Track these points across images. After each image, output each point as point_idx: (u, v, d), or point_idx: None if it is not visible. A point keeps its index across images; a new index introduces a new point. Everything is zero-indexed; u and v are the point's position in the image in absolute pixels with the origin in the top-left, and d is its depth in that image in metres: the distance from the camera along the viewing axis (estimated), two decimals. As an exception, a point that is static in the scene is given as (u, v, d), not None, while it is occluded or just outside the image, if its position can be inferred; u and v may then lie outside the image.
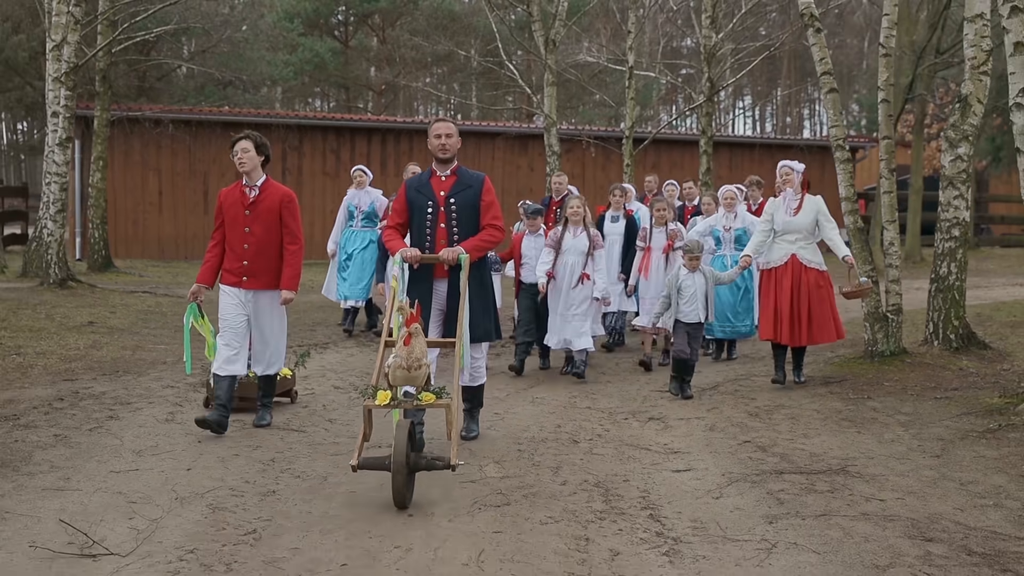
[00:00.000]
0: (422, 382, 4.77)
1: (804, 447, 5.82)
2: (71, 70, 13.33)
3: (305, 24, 33.03)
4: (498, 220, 5.79)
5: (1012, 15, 6.12)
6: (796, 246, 7.52)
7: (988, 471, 5.22)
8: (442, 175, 5.79)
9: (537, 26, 17.41)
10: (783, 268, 7.52)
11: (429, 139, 5.81)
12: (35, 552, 3.89)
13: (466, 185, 5.77)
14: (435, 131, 5.77)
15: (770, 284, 7.63)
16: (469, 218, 5.72)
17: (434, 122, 5.87)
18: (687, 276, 7.44)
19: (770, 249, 7.66)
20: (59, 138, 13.50)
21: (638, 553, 4.09)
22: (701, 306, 7.41)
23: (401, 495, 4.49)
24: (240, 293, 6.00)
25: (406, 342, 4.71)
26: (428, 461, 4.64)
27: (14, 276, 15.61)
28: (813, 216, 7.51)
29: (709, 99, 17.16)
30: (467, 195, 5.74)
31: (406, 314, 4.83)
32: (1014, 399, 6.51)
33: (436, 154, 5.77)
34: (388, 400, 4.70)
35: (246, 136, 6.02)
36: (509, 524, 4.41)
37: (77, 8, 13.23)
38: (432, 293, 5.70)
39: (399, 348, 4.74)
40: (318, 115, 24.55)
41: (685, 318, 7.41)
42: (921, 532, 4.30)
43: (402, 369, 4.68)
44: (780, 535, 4.30)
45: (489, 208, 5.77)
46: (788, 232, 7.54)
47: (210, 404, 6.40)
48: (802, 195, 7.59)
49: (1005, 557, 3.98)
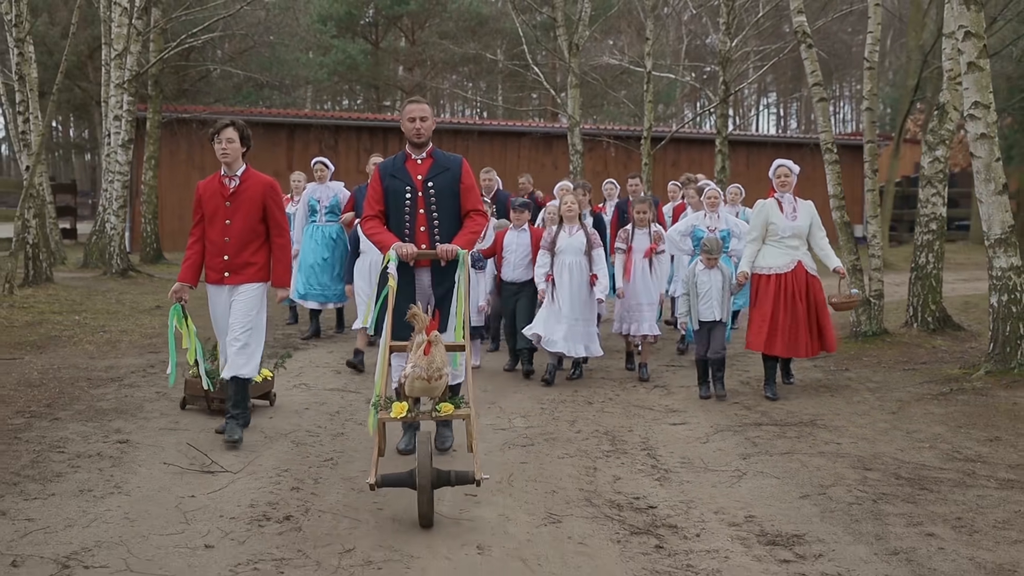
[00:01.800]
0: (440, 393, 4.52)
1: (783, 407, 6.88)
2: (133, 77, 14.55)
3: (337, 26, 34.25)
4: (480, 205, 5.49)
5: (966, 39, 7.13)
6: (800, 252, 7.17)
7: (932, 423, 6.25)
8: (417, 158, 5.42)
9: (561, 31, 18.42)
10: (792, 275, 7.10)
11: (402, 122, 5.45)
12: (168, 468, 5.04)
13: (443, 168, 5.42)
14: (409, 114, 5.41)
15: (770, 291, 7.12)
16: (448, 203, 5.38)
17: (407, 104, 5.49)
18: (703, 272, 7.24)
19: (766, 253, 7.24)
20: (122, 140, 14.73)
21: (635, 478, 5.17)
22: (717, 303, 7.19)
23: (428, 515, 4.26)
24: (224, 290, 5.69)
25: (426, 351, 4.41)
26: (453, 476, 4.33)
27: (75, 267, 16.91)
28: (809, 220, 7.24)
29: (723, 101, 18.11)
30: (445, 178, 5.39)
31: (423, 321, 4.55)
32: (971, 370, 7.52)
33: (411, 138, 5.41)
34: (405, 412, 4.48)
35: (231, 124, 5.66)
36: (533, 458, 5.50)
37: (139, 21, 14.44)
38: (415, 284, 5.38)
39: (417, 358, 4.42)
40: (352, 115, 25.74)
41: (701, 316, 7.24)
42: (864, 464, 5.35)
43: (421, 380, 4.40)
44: (750, 467, 5.36)
45: (469, 192, 5.44)
46: (792, 236, 7.16)
47: (186, 406, 6.32)
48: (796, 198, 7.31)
49: (925, 480, 5.03)
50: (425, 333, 4.48)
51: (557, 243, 7.63)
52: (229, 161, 5.63)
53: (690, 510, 4.64)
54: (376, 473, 4.27)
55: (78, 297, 12.16)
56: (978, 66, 7.14)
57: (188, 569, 3.73)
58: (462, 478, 4.32)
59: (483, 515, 4.46)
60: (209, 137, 5.68)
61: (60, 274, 14.73)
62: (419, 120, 5.37)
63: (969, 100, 7.21)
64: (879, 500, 4.73)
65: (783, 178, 7.27)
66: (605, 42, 32.88)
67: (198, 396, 6.25)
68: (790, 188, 7.29)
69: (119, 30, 14.67)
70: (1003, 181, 7.27)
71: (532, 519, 4.44)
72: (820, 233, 7.28)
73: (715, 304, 7.19)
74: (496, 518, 4.42)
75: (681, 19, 26.27)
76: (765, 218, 7.22)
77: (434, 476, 4.25)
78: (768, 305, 7.07)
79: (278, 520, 4.33)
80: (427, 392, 4.46)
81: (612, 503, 4.74)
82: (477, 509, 4.57)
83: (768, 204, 7.29)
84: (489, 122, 28.28)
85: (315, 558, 3.89)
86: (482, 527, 4.33)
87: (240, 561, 3.83)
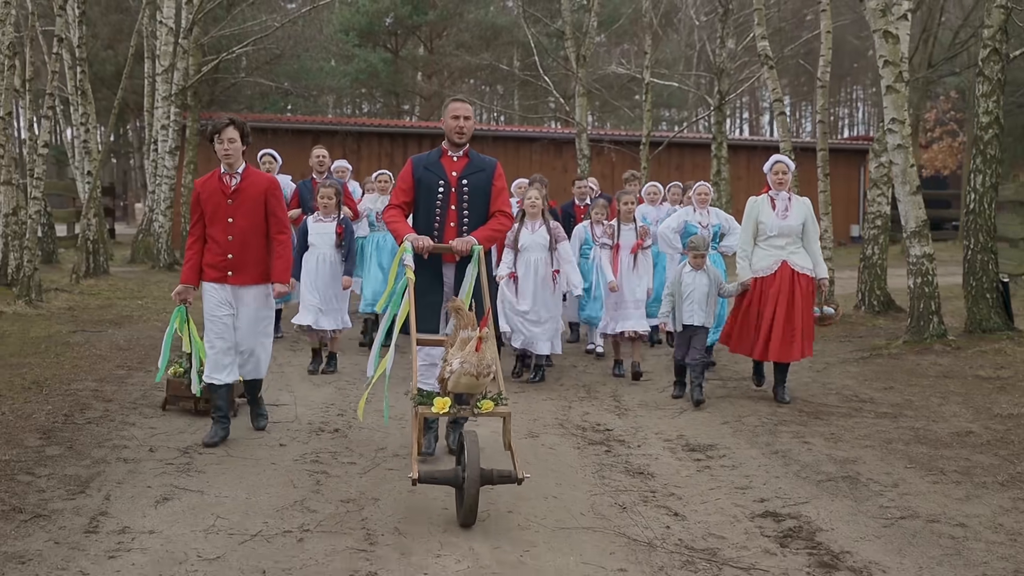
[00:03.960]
0: (484, 389, 4.50)
1: (731, 368, 8.39)
2: (180, 91, 16.21)
3: (359, 36, 35.95)
4: (508, 207, 5.54)
5: (885, 66, 8.62)
6: (787, 251, 6.94)
7: (846, 378, 7.76)
8: (454, 156, 5.43)
9: (569, 43, 19.90)
10: (771, 278, 6.91)
11: (445, 120, 5.43)
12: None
13: (478, 168, 5.44)
14: (453, 112, 5.40)
15: (752, 295, 7.00)
16: (479, 202, 5.40)
17: (451, 102, 5.47)
18: (689, 273, 7.07)
19: (752, 255, 7.08)
20: (169, 147, 16.40)
21: (600, 413, 6.71)
22: (700, 307, 7.01)
23: (474, 512, 4.23)
24: (225, 289, 5.57)
25: (477, 347, 4.37)
26: (495, 475, 4.32)
27: (123, 263, 18.59)
28: (803, 218, 6.98)
29: (718, 108, 19.58)
30: (479, 178, 5.41)
31: (469, 318, 4.61)
32: (893, 341, 9.01)
33: (451, 137, 5.40)
34: (447, 407, 4.48)
35: (231, 123, 5.54)
36: (523, 400, 7.05)
37: (185, 40, 16.11)
38: (441, 280, 5.38)
39: (466, 353, 4.40)
40: (375, 122, 27.37)
41: (683, 319, 7.08)
42: (778, 403, 6.88)
43: (469, 376, 4.36)
44: (690, 406, 6.89)
45: (500, 194, 5.46)
46: (779, 236, 6.94)
47: (167, 406, 6.28)
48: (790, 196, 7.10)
49: (821, 413, 6.55)
50: (467, 328, 4.53)
51: (520, 240, 7.55)
52: (232, 160, 5.53)
53: (637, 432, 6.18)
54: (417, 469, 4.28)
55: (134, 286, 13.80)
56: (895, 89, 8.64)
57: (269, 458, 5.31)
58: (504, 477, 4.33)
59: (479, 431, 6.01)
60: (208, 137, 5.58)
61: (112, 268, 16.40)
62: (463, 119, 5.38)
63: (888, 116, 8.70)
64: (779, 424, 6.27)
65: (780, 175, 7.02)
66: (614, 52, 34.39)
67: (180, 396, 6.23)
68: (786, 186, 7.04)
69: (166, 48, 16.32)
70: (917, 184, 8.76)
71: (517, 435, 5.99)
72: (813, 235, 7.03)
73: (697, 308, 7.01)
74: (489, 434, 5.95)
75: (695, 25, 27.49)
76: (756, 216, 7.02)
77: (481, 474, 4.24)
78: (741, 308, 7.03)
79: (329, 432, 5.92)
80: (473, 388, 4.44)
81: (578, 426, 6.29)
82: (470, 425, 6.12)
83: (759, 201, 7.05)
84: (503, 127, 29.86)
85: (358, 452, 5.47)
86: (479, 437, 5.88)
87: (305, 452, 5.41)
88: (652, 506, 4.73)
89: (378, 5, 34.66)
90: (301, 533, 4.15)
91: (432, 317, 5.28)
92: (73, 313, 10.70)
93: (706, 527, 4.44)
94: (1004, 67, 9.01)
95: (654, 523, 4.47)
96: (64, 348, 8.32)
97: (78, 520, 4.17)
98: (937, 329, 8.76)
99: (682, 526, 4.45)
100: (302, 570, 3.76)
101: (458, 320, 4.66)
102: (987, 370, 7.70)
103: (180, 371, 6.22)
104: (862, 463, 5.35)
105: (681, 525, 4.46)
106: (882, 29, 8.63)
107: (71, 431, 5.59)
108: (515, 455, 4.45)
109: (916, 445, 5.69)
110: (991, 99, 8.90)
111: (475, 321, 4.60)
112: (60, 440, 5.39)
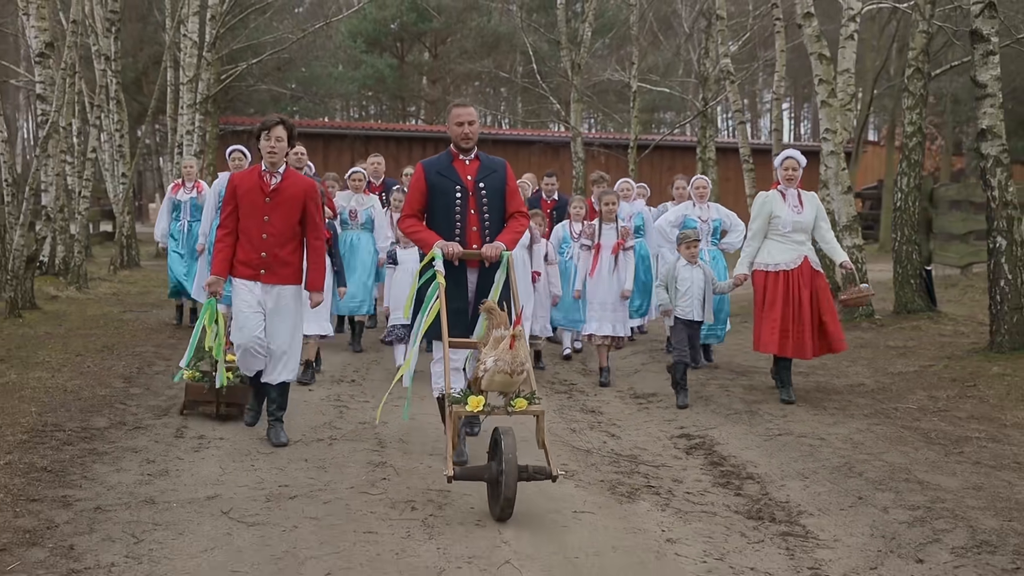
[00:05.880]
0: (517, 388, 4.55)
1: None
2: (204, 100, 17.72)
3: (367, 42, 37.50)
4: (524, 207, 5.58)
5: (819, 84, 10.08)
6: (806, 247, 6.85)
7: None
8: (465, 159, 5.42)
9: (564, 52, 21.31)
10: (799, 271, 6.78)
11: (450, 127, 5.44)
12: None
13: (491, 170, 5.45)
14: (457, 118, 5.39)
15: (778, 289, 6.78)
16: (497, 204, 5.42)
17: (453, 108, 5.46)
18: (685, 268, 7.04)
19: (771, 249, 6.90)
20: (194, 151, 17.90)
21: (569, 374, 8.17)
22: (698, 303, 7.00)
23: (510, 507, 4.30)
24: (257, 287, 5.49)
25: (511, 345, 4.42)
26: (531, 470, 4.41)
27: (148, 257, 20.10)
28: (815, 213, 6.95)
29: (703, 113, 21.00)
30: (494, 179, 5.43)
31: (501, 317, 4.67)
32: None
33: (458, 142, 5.39)
34: (481, 406, 4.51)
35: (281, 122, 5.47)
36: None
37: (209, 53, 17.60)
38: (465, 286, 5.35)
39: (500, 352, 4.44)
40: (382, 126, 28.88)
41: (681, 314, 7.03)
42: (744, 371, 8.35)
43: (504, 374, 4.41)
44: (655, 372, 8.35)
45: (515, 194, 5.50)
46: (797, 231, 6.84)
47: (185, 411, 6.12)
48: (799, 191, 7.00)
49: (748, 371, 8.00)
50: (499, 327, 4.60)
51: None
52: (275, 159, 5.47)
53: (595, 386, 7.65)
54: (451, 465, 4.38)
55: (165, 277, 15.29)
56: (828, 103, 10.10)
57: (301, 399, 6.76)
58: (539, 472, 4.41)
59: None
60: (256, 134, 5.50)
61: (142, 262, 17.92)
62: (467, 124, 5.37)
63: (823, 127, 10.16)
64: (710, 379, 7.73)
65: (790, 171, 6.92)
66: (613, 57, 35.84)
67: (199, 401, 6.09)
68: (796, 182, 6.96)
69: (190, 60, 17.80)
70: (848, 184, 10.21)
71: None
72: (825, 225, 7.01)
73: (695, 303, 7.00)
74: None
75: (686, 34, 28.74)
76: (768, 212, 6.89)
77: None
78: (778, 304, 6.74)
79: (347, 382, 7.40)
80: (506, 387, 4.48)
81: (548, 382, 7.76)
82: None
83: (770, 196, 6.97)
84: (503, 131, 31.34)
85: (370, 394, 6.96)
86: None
87: (329, 395, 6.90)
88: (597, 431, 6.21)
89: (384, 12, 36.20)
90: (330, 441, 5.65)
91: (458, 323, 5.22)
92: (117, 297, 12.20)
93: (634, 443, 5.92)
94: (926, 84, 10.45)
95: (595, 440, 5.95)
96: (120, 323, 9.81)
97: (166, 431, 5.67)
98: (865, 309, 10.20)
99: (616, 442, 5.93)
100: (333, 460, 5.25)
101: (490, 320, 4.74)
102: (898, 341, 9.13)
103: (198, 375, 6.07)
104: (765, 404, 6.81)
105: (615, 442, 5.94)
106: (817, 52, 10.09)
107: (145, 378, 7.09)
108: (550, 451, 4.54)
109: (815, 392, 7.14)
110: (915, 111, 10.33)
111: (507, 320, 4.70)
112: (139, 384, 6.90)
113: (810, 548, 4.20)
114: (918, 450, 5.48)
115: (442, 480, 4.68)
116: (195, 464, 5.09)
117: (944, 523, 4.33)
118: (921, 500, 4.64)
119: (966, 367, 7.52)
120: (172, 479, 4.81)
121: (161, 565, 3.74)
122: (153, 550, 3.87)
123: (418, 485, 4.88)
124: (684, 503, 4.78)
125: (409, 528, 4.26)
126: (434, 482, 4.92)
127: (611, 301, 7.75)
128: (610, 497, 4.83)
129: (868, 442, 5.69)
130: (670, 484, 5.09)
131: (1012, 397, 6.58)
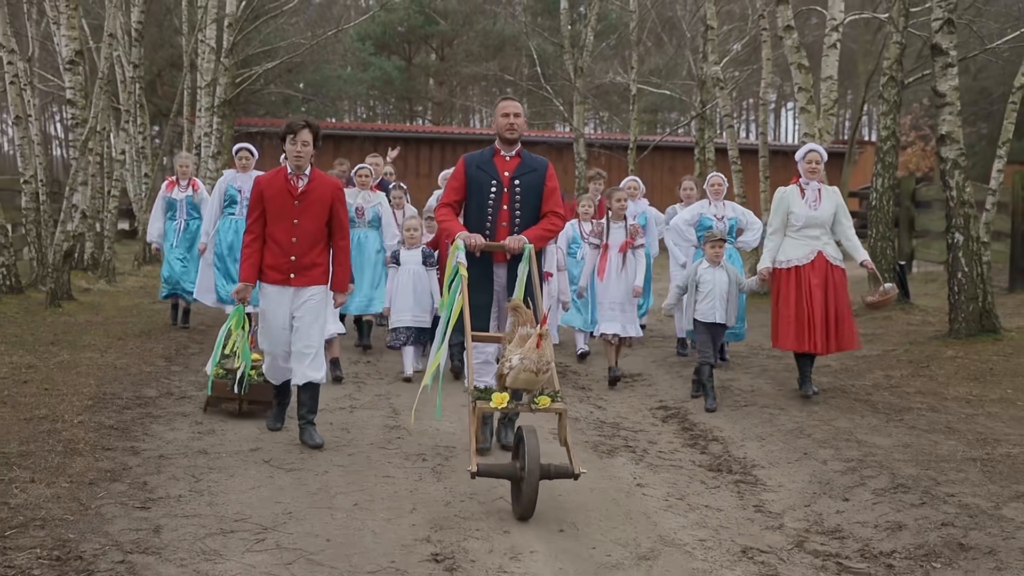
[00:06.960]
0: (541, 386, 4.59)
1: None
2: (222, 103, 18.56)
3: (375, 45, 38.37)
4: (560, 208, 5.59)
5: (798, 92, 10.86)
6: (821, 242, 6.84)
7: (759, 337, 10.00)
8: (507, 155, 5.52)
9: (567, 56, 22.04)
10: (810, 267, 6.78)
11: (496, 119, 5.56)
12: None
13: (530, 168, 5.53)
14: (503, 110, 5.54)
15: (791, 285, 6.81)
16: (531, 202, 5.49)
17: (501, 101, 5.63)
18: (707, 270, 7.00)
19: (784, 245, 6.92)
20: (212, 152, 18.74)
21: (563, 358, 8.97)
22: (720, 304, 6.95)
23: (532, 506, 4.34)
24: (287, 292, 5.47)
25: (538, 344, 4.48)
26: (552, 470, 4.46)
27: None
28: (834, 208, 6.89)
29: (700, 115, 21.73)
30: (531, 178, 5.49)
31: (527, 316, 4.74)
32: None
33: (503, 134, 5.51)
34: (505, 403, 4.56)
35: (307, 125, 5.46)
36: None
37: (227, 59, 18.45)
38: (492, 280, 5.46)
39: (527, 350, 4.49)
40: (391, 127, 29.71)
41: (702, 316, 6.99)
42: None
43: (529, 372, 4.45)
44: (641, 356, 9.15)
45: (552, 194, 5.53)
46: (811, 226, 6.83)
47: (208, 408, 6.21)
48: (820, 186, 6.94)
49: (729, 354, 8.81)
50: (526, 325, 4.66)
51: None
52: (301, 163, 5.45)
53: (588, 368, 8.45)
54: (475, 461, 4.45)
55: (187, 272, 16.15)
56: (807, 110, 10.89)
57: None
58: (561, 472, 4.47)
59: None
60: (281, 136, 5.48)
61: (163, 257, 18.82)
62: (513, 116, 5.50)
63: (802, 132, 10.95)
64: (693, 362, 8.52)
65: (813, 164, 6.89)
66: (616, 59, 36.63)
67: (222, 398, 6.16)
68: (818, 175, 6.93)
69: (208, 65, 18.64)
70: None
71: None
72: (847, 222, 6.95)
73: (719, 305, 6.95)
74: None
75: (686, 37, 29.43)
76: (786, 207, 6.90)
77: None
78: (792, 300, 6.79)
79: (363, 363, 8.22)
80: (531, 384, 4.53)
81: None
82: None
83: (789, 191, 6.95)
84: (509, 132, 32.06)
85: (384, 371, 7.77)
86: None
87: (347, 373, 7.71)
88: (585, 404, 7.02)
89: (392, 15, 37.05)
90: (351, 409, 6.49)
91: (481, 317, 5.32)
92: (145, 290, 13.04)
93: (617, 413, 6.74)
94: (900, 91, 11.23)
95: (582, 411, 6.76)
96: (151, 313, 10.65)
97: (208, 400, 6.51)
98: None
99: (601, 413, 6.75)
100: (355, 423, 6.10)
101: (516, 318, 4.80)
102: (868, 330, 9.92)
103: (222, 372, 6.16)
104: (737, 380, 7.62)
105: (601, 412, 6.76)
106: (796, 62, 10.89)
107: (184, 358, 7.93)
108: (571, 450, 4.60)
109: (782, 372, 7.94)
110: (889, 117, 11.11)
111: (534, 319, 4.76)
112: (178, 363, 7.74)
113: (757, 492, 5.02)
114: (863, 417, 6.29)
115: (449, 437, 5.51)
116: (237, 426, 5.92)
117: (871, 471, 5.13)
118: (856, 455, 5.44)
119: (924, 351, 8.31)
120: (219, 436, 5.66)
121: (219, 497, 4.57)
122: (211, 486, 4.71)
123: (428, 443, 5.72)
124: (655, 459, 5.60)
125: (421, 473, 5.09)
126: (441, 440, 5.74)
127: (620, 301, 7.67)
128: (592, 454, 5.65)
129: (821, 411, 6.50)
130: (645, 444, 5.91)
131: (959, 376, 7.36)
